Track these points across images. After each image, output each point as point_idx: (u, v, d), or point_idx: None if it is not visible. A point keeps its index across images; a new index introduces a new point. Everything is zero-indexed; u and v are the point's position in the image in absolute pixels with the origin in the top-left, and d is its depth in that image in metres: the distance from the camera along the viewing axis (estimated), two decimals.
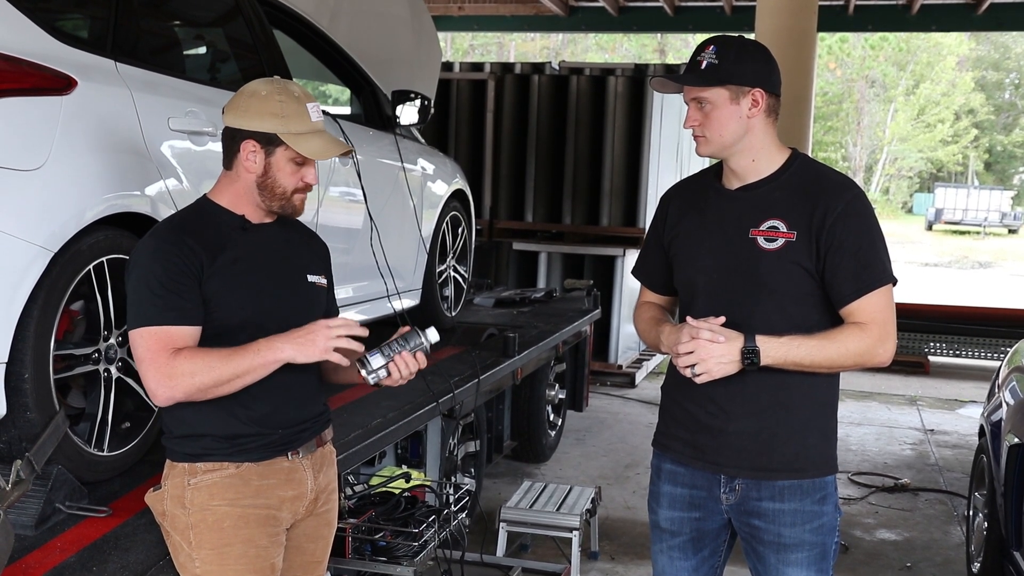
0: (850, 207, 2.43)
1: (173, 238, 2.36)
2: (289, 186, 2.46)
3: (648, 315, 2.73)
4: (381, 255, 4.34)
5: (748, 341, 2.40)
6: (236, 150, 2.44)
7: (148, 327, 2.31)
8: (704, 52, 2.47)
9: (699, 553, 2.69)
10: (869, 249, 2.43)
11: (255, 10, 3.90)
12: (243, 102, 2.44)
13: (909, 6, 12.01)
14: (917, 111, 43.77)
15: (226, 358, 2.30)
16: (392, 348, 2.45)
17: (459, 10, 12.99)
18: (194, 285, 2.34)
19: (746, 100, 2.46)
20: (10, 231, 2.52)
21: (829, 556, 2.59)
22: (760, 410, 2.51)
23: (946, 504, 6.43)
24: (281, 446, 2.49)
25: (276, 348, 2.30)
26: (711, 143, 2.50)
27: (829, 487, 2.58)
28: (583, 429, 7.75)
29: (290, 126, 2.40)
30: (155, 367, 2.30)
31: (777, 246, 2.45)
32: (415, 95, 4.82)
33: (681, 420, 2.64)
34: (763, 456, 2.53)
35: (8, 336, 2.56)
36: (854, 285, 2.42)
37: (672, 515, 2.69)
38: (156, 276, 2.31)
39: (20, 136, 2.57)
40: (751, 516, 2.58)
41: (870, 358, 2.45)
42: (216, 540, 2.39)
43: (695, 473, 2.62)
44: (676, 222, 2.66)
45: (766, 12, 8.07)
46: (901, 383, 10.35)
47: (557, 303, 7.48)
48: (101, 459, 2.89)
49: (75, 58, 2.85)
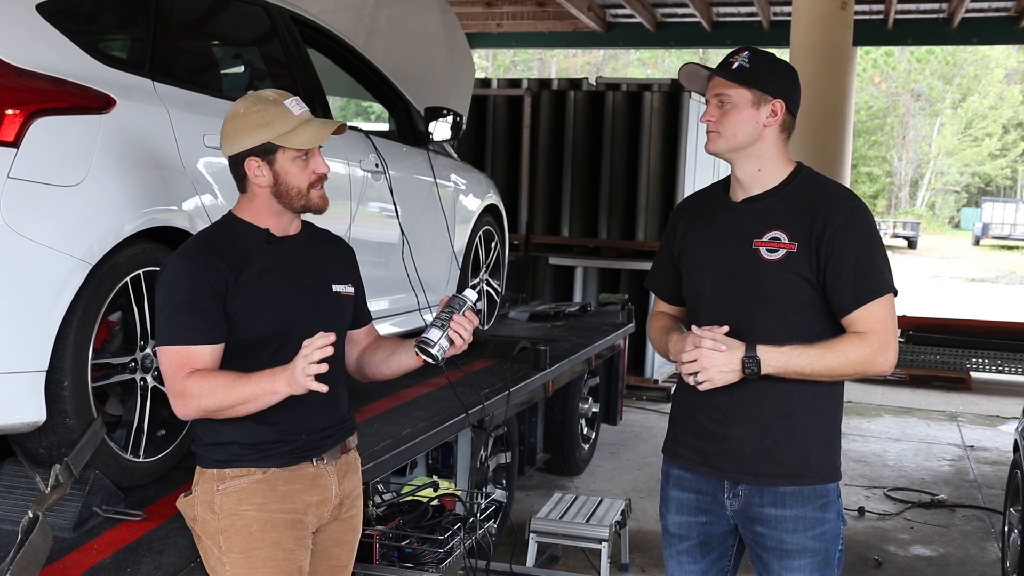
0: (849, 219, 2.49)
1: (199, 258, 2.44)
2: (303, 183, 2.52)
3: (659, 324, 2.80)
4: (413, 269, 4.43)
5: (749, 350, 2.46)
6: (243, 173, 2.52)
7: (169, 346, 2.41)
8: (738, 56, 2.56)
9: (707, 556, 2.74)
10: (868, 260, 2.48)
11: (289, 30, 4.01)
12: (229, 128, 2.53)
13: (950, 19, 11.92)
14: (964, 124, 43.30)
15: (230, 386, 2.37)
16: (442, 319, 2.53)
17: (497, 27, 13.10)
18: (216, 305, 2.42)
19: (766, 108, 2.54)
20: (51, 244, 2.62)
21: (833, 564, 2.62)
22: (762, 417, 2.56)
23: (983, 520, 6.37)
24: (306, 452, 2.57)
25: (274, 381, 2.34)
26: (722, 140, 2.57)
27: (831, 494, 2.61)
28: (617, 443, 7.77)
29: (277, 128, 2.47)
30: (171, 385, 2.43)
31: (778, 256, 2.51)
32: (447, 111, 4.91)
33: (688, 427, 2.70)
34: (765, 462, 2.58)
35: (48, 345, 2.66)
36: (854, 295, 2.47)
37: (680, 519, 2.74)
38: (179, 296, 2.41)
39: (61, 153, 2.68)
40: (754, 522, 2.62)
41: (870, 367, 2.48)
42: (245, 544, 2.47)
43: (700, 478, 2.68)
44: (685, 234, 2.74)
45: (800, 26, 8.08)
46: (942, 399, 10.24)
47: (591, 317, 7.52)
48: (137, 465, 2.98)
49: (114, 78, 2.97)
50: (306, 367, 2.29)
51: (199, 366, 2.40)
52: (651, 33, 12.93)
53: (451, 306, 2.54)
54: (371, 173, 4.27)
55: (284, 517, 2.51)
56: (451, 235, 5.10)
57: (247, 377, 2.37)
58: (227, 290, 2.43)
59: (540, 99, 9.93)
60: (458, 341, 2.54)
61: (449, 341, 2.53)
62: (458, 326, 2.52)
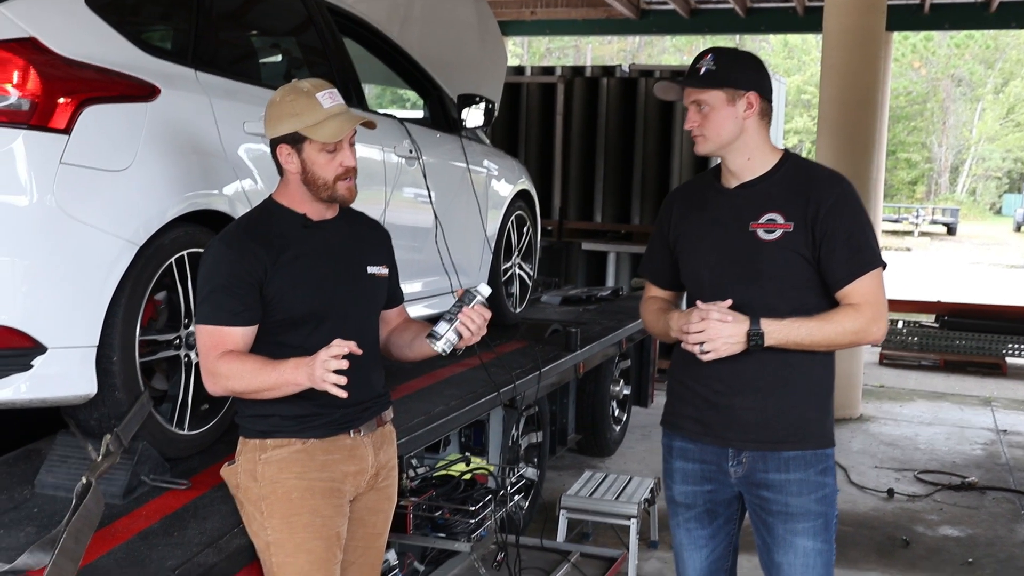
0: (840, 199, 2.65)
1: (238, 244, 2.58)
2: (329, 175, 2.62)
3: (654, 307, 2.94)
4: (446, 252, 4.54)
5: (754, 323, 2.61)
6: (276, 158, 2.66)
7: (204, 325, 2.56)
8: (703, 60, 2.71)
9: (714, 522, 2.88)
10: (860, 236, 2.65)
11: (326, 19, 4.13)
12: (267, 113, 2.66)
13: (988, 3, 11.80)
14: (1006, 110, 42.71)
15: (256, 373, 2.50)
16: (452, 312, 2.64)
17: (531, 15, 13.14)
18: (252, 290, 2.54)
19: (741, 102, 2.68)
20: (101, 226, 2.76)
21: (831, 528, 2.77)
22: (763, 387, 2.70)
23: (1014, 503, 6.39)
24: (343, 424, 2.69)
25: (297, 373, 2.46)
26: (709, 142, 2.71)
27: (829, 460, 2.77)
28: (649, 425, 7.83)
29: (305, 120, 2.58)
30: (204, 362, 2.58)
31: (776, 236, 2.66)
32: (480, 98, 5.01)
33: (689, 400, 2.83)
34: (767, 429, 2.72)
35: (99, 322, 2.80)
36: (847, 269, 2.64)
37: (686, 489, 2.88)
38: (217, 280, 2.55)
39: (109, 139, 2.82)
40: (759, 487, 2.76)
41: (864, 336, 2.68)
42: (285, 510, 2.60)
43: (704, 448, 2.81)
44: (679, 221, 2.87)
45: (833, 11, 8.07)
46: (976, 384, 10.22)
47: (623, 301, 7.60)
48: (182, 437, 3.13)
49: (159, 67, 3.10)
50: (323, 373, 2.40)
51: (231, 346, 2.53)
52: (685, 20, 12.90)
53: (462, 300, 2.65)
54: (405, 159, 4.38)
55: (323, 485, 2.64)
56: (483, 220, 5.21)
57: (273, 365, 2.50)
58: (265, 275, 2.55)
59: (573, 86, 10.00)
60: (466, 334, 2.64)
61: (457, 334, 2.64)
62: (466, 319, 2.63)
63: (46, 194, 2.65)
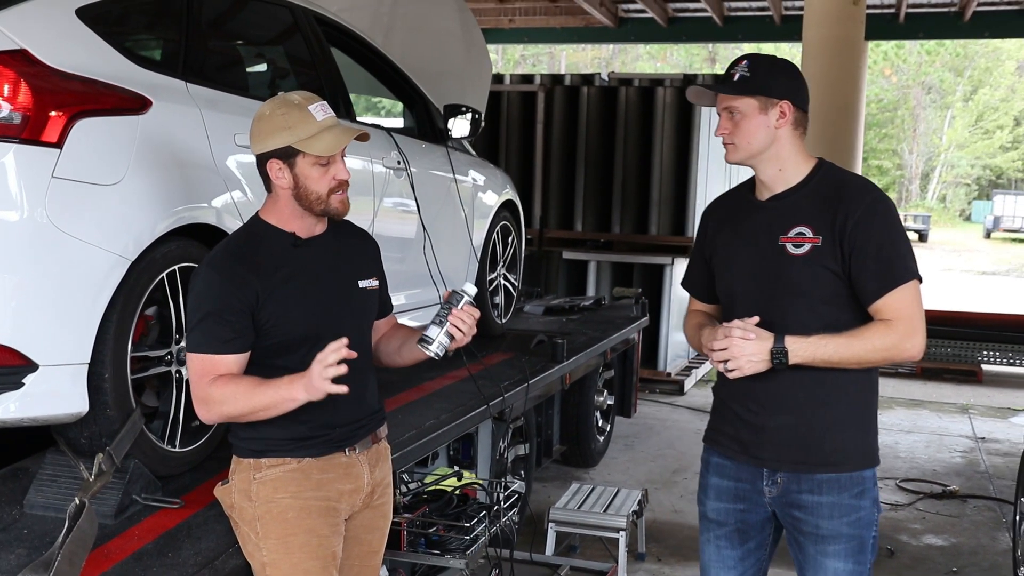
0: (870, 209, 2.55)
1: (228, 270, 2.51)
2: (323, 189, 2.57)
3: (695, 321, 2.89)
4: (434, 263, 4.51)
5: (777, 341, 2.54)
6: (266, 173, 2.59)
7: (195, 353, 2.50)
8: (737, 66, 2.64)
9: (744, 544, 2.81)
10: (891, 248, 2.55)
11: (313, 30, 4.10)
12: (255, 128, 2.58)
13: (962, 13, 11.95)
14: (975, 117, 43.20)
15: (250, 394, 2.45)
16: (441, 315, 2.60)
17: (509, 23, 13.17)
18: (243, 317, 2.49)
19: (774, 111, 2.61)
20: (93, 241, 2.72)
21: (867, 549, 2.69)
22: (797, 406, 2.63)
23: (995, 511, 6.44)
24: (339, 443, 2.65)
25: (292, 389, 2.42)
26: (739, 150, 2.66)
27: (868, 482, 2.68)
28: (632, 435, 7.85)
29: (298, 133, 2.51)
30: (196, 390, 2.52)
31: (804, 251, 2.58)
32: (466, 109, 4.99)
33: (727, 417, 2.78)
34: (801, 450, 2.65)
35: (91, 339, 2.76)
36: (877, 283, 2.54)
37: (719, 506, 2.82)
38: (206, 307, 2.49)
39: (101, 153, 2.78)
40: (792, 507, 2.70)
41: (897, 353, 2.56)
42: (281, 530, 2.56)
43: (740, 467, 2.76)
44: (715, 234, 2.82)
45: (813, 21, 8.14)
46: (953, 391, 10.30)
47: (606, 311, 7.60)
48: (173, 455, 3.08)
49: (149, 79, 3.06)
50: (323, 371, 2.36)
51: (223, 373, 2.48)
52: (663, 28, 12.98)
53: (450, 302, 2.61)
54: (393, 170, 4.35)
55: (318, 504, 2.60)
56: (470, 230, 5.18)
57: (267, 384, 2.44)
58: (256, 301, 2.50)
59: (553, 94, 10.01)
60: (458, 335, 2.61)
61: (449, 337, 2.61)
62: (456, 320, 2.59)
63: (37, 209, 2.61)
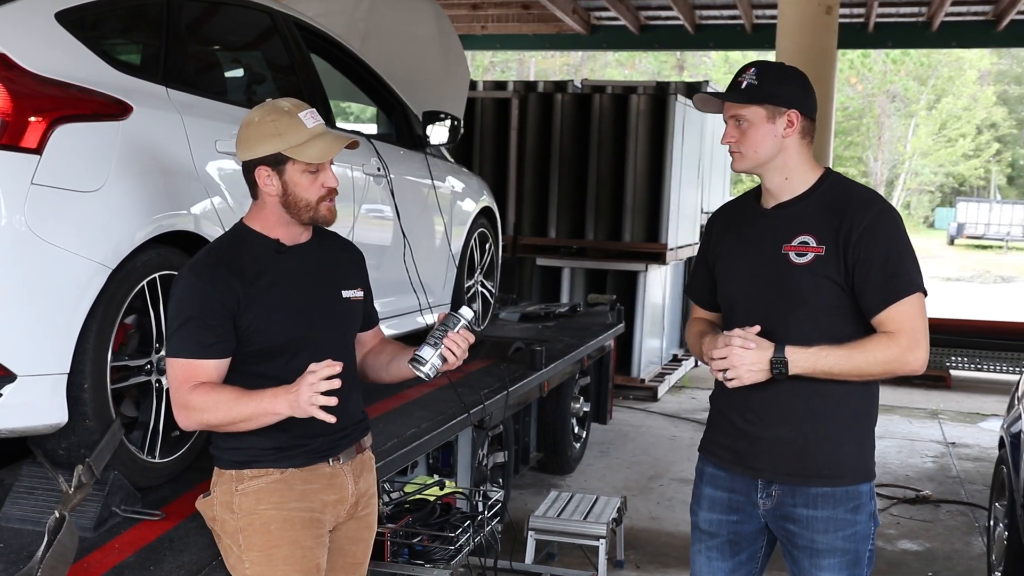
0: (876, 220, 2.53)
1: (209, 274, 2.48)
2: (312, 196, 2.54)
3: (696, 329, 2.87)
4: (414, 270, 4.48)
5: (778, 351, 2.51)
6: (253, 180, 2.55)
7: (175, 358, 2.46)
8: (745, 73, 2.62)
9: (736, 556, 2.78)
10: (896, 260, 2.52)
11: (293, 35, 4.06)
12: (243, 134, 2.55)
13: (930, 23, 12.08)
14: (939, 125, 43.66)
15: (232, 404, 2.41)
16: (436, 336, 2.58)
17: (482, 29, 13.16)
18: (224, 321, 2.45)
19: (782, 120, 2.59)
20: (73, 249, 2.67)
21: (863, 563, 2.67)
22: (795, 418, 2.61)
23: (967, 516, 6.49)
24: (323, 453, 2.62)
25: (275, 403, 2.37)
26: (746, 159, 2.63)
27: (864, 496, 2.65)
28: (607, 442, 7.85)
29: (288, 140, 2.49)
30: (176, 396, 2.48)
31: (807, 260, 2.56)
32: (445, 115, 4.97)
33: (723, 427, 2.76)
34: (797, 462, 2.62)
35: (70, 349, 2.71)
36: (881, 295, 2.52)
37: (711, 517, 2.79)
38: (188, 311, 2.45)
39: (82, 159, 2.73)
40: (786, 520, 2.67)
41: (900, 366, 2.53)
42: (264, 542, 2.52)
43: (734, 477, 2.73)
44: (719, 241, 2.80)
45: (787, 30, 8.19)
46: (923, 397, 10.39)
47: (581, 318, 7.59)
48: (153, 465, 3.03)
49: (130, 85, 3.02)
50: (312, 396, 2.32)
51: (203, 379, 2.44)
52: (635, 35, 13.01)
53: (446, 324, 2.59)
54: (372, 176, 4.32)
55: (302, 516, 2.56)
56: (449, 237, 5.16)
57: (249, 396, 2.41)
58: (238, 305, 2.47)
59: (527, 101, 10.00)
60: (451, 359, 2.58)
61: (442, 359, 2.58)
62: (452, 343, 2.57)
63: (16, 216, 2.56)
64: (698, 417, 9.00)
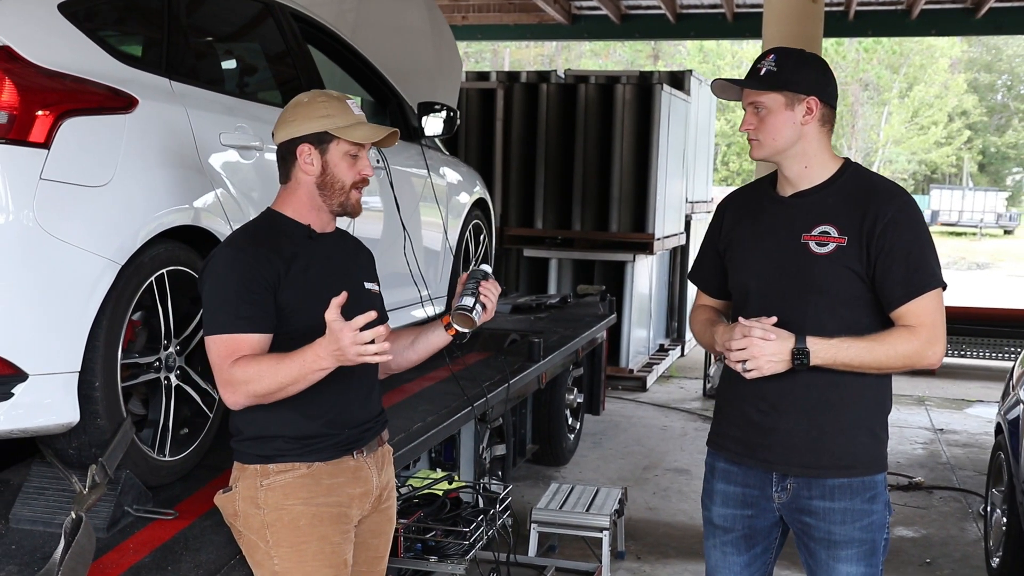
0: (900, 213, 2.51)
1: (249, 247, 2.48)
2: (348, 180, 2.58)
3: (703, 317, 2.82)
4: (414, 263, 4.44)
5: (799, 341, 2.48)
6: (293, 159, 2.56)
7: (218, 335, 2.42)
8: (764, 60, 2.59)
9: (751, 550, 2.76)
10: (919, 254, 2.51)
11: (291, 26, 4.01)
12: (290, 114, 2.58)
13: (909, 11, 12.13)
14: (911, 113, 43.96)
15: (275, 368, 2.37)
16: (469, 288, 2.63)
17: (463, 19, 13.09)
18: (267, 294, 2.44)
19: (800, 107, 2.56)
20: (82, 245, 2.61)
21: (879, 552, 2.66)
22: (810, 408, 2.58)
23: (960, 502, 6.53)
24: (348, 445, 2.60)
25: (319, 358, 2.34)
26: (764, 146, 2.60)
27: (879, 486, 2.64)
28: (599, 432, 7.85)
29: (337, 121, 2.55)
30: (220, 374, 2.43)
31: (828, 250, 2.53)
32: (440, 106, 4.92)
33: (734, 419, 2.72)
34: (812, 454, 2.60)
35: (81, 346, 2.65)
36: (904, 289, 2.50)
37: (725, 512, 2.76)
38: (230, 285, 2.42)
39: (89, 153, 2.67)
40: (802, 513, 2.65)
41: (919, 360, 2.52)
42: (293, 538, 2.49)
43: (748, 472, 2.70)
44: (731, 228, 2.76)
45: (772, 19, 8.18)
46: (908, 383, 10.45)
47: (572, 309, 7.58)
48: (164, 464, 2.98)
49: (134, 77, 2.96)
50: (355, 336, 2.27)
51: (246, 353, 2.41)
52: (616, 25, 13.00)
53: (474, 276, 2.65)
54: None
55: (330, 511, 2.54)
56: (446, 229, 5.12)
57: (290, 357, 2.37)
58: (279, 281, 2.46)
59: (512, 92, 9.96)
60: (489, 306, 2.64)
61: (483, 306, 2.63)
62: (487, 290, 2.63)
63: (25, 211, 2.49)
64: (688, 407, 9.02)
